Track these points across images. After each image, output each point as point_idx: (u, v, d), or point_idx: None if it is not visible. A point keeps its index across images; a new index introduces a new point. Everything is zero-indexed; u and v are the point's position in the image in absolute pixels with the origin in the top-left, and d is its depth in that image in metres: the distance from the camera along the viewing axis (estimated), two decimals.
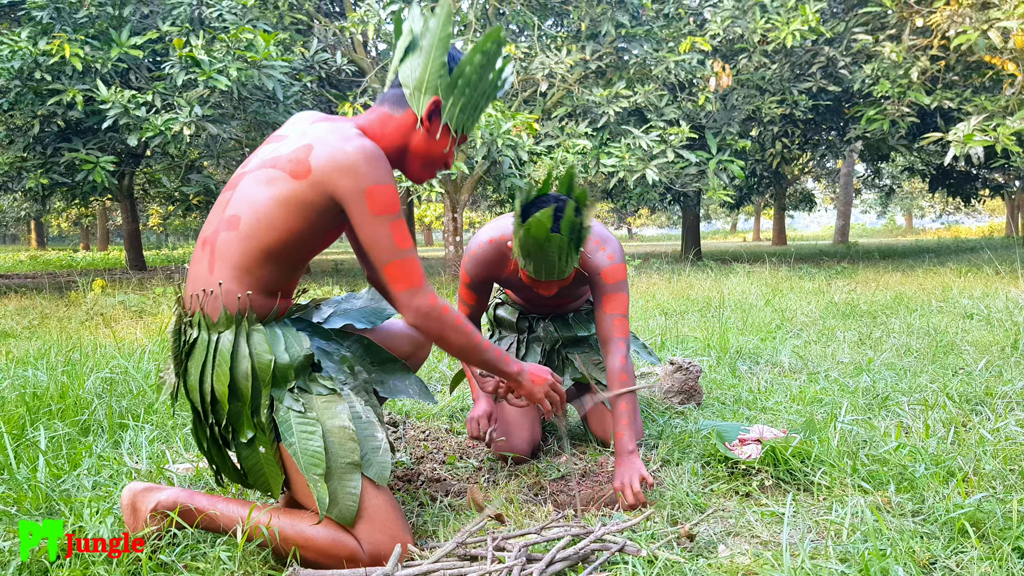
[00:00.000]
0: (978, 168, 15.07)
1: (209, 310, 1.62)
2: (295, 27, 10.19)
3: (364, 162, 1.55)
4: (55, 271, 15.53)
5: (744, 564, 1.56)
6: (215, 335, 1.62)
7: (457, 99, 1.69)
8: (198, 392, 1.63)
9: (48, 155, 9.39)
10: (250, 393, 1.59)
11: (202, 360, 1.62)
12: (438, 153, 1.74)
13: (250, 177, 1.65)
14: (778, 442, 2.13)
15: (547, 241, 1.96)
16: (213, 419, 1.64)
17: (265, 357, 1.60)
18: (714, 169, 9.64)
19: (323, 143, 1.59)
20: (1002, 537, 1.61)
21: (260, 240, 1.59)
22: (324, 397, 1.64)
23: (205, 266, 1.64)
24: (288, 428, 1.58)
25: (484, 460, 2.40)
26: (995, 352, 3.68)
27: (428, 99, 1.68)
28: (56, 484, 2.04)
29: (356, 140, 1.58)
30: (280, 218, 1.58)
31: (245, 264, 1.60)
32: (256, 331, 1.62)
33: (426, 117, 1.69)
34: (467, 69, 1.67)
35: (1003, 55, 8.27)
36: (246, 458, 1.64)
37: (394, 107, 1.72)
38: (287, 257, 1.63)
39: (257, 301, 1.63)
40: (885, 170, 23.42)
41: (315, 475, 1.56)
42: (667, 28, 10.40)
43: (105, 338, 4.67)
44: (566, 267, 2.04)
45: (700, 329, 4.77)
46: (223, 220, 1.64)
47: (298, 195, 1.57)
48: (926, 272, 9.06)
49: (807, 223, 60.56)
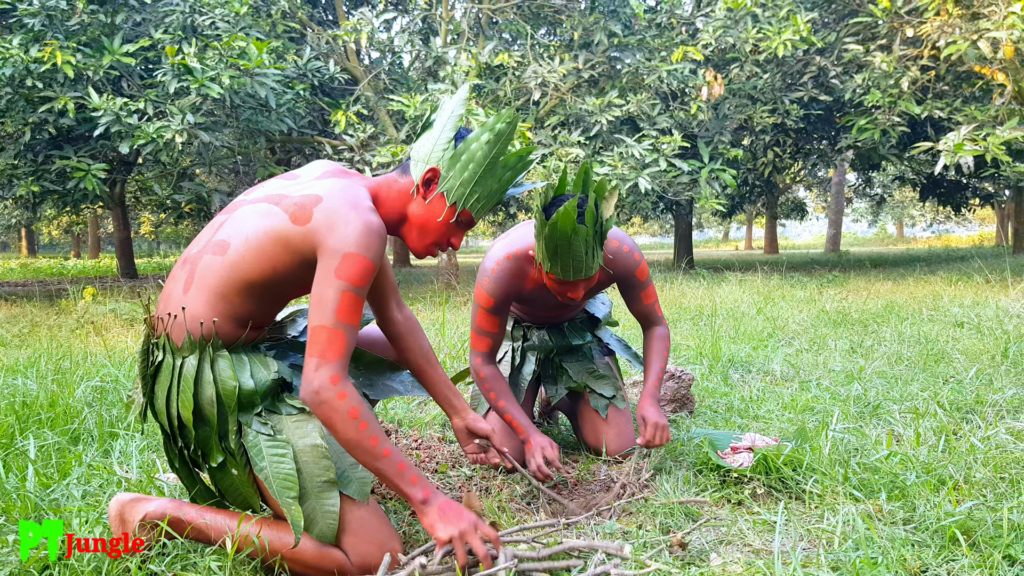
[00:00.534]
0: (968, 177, 15.16)
1: (174, 333, 1.61)
2: (288, 35, 10.19)
3: (361, 233, 1.53)
4: (46, 279, 15.45)
5: (736, 572, 1.56)
6: (179, 359, 1.60)
7: (459, 172, 1.68)
8: (165, 415, 1.62)
9: (39, 162, 9.35)
10: (216, 419, 1.58)
11: (167, 384, 1.61)
12: (433, 224, 1.71)
13: (250, 208, 1.64)
14: (770, 450, 2.14)
15: (574, 234, 1.94)
16: (182, 442, 1.63)
17: (229, 384, 1.58)
18: (706, 178, 9.67)
19: (333, 200, 1.57)
20: (993, 545, 1.61)
21: (244, 271, 1.58)
22: (294, 417, 1.62)
23: (180, 285, 1.63)
24: (258, 453, 1.57)
25: (476, 469, 2.39)
26: (985, 360, 3.69)
27: (426, 167, 1.69)
28: (45, 493, 2.02)
29: (365, 212, 1.56)
30: (268, 255, 1.57)
31: (223, 291, 1.59)
32: (221, 357, 1.60)
33: (422, 184, 1.70)
34: (472, 145, 1.68)
35: (993, 65, 8.33)
36: (220, 480, 1.63)
37: (401, 174, 1.74)
38: (266, 294, 1.62)
39: (226, 328, 1.61)
40: (876, 179, 23.56)
41: (288, 498, 1.54)
42: (659, 38, 10.44)
43: (96, 346, 4.65)
44: (592, 263, 2.03)
45: (692, 337, 4.78)
46: (211, 243, 1.63)
47: (291, 239, 1.56)
48: (917, 281, 9.10)
49: (799, 232, 60.82)
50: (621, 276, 2.32)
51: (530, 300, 2.38)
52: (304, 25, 10.43)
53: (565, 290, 2.08)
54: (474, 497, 1.98)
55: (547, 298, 2.35)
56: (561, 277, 2.03)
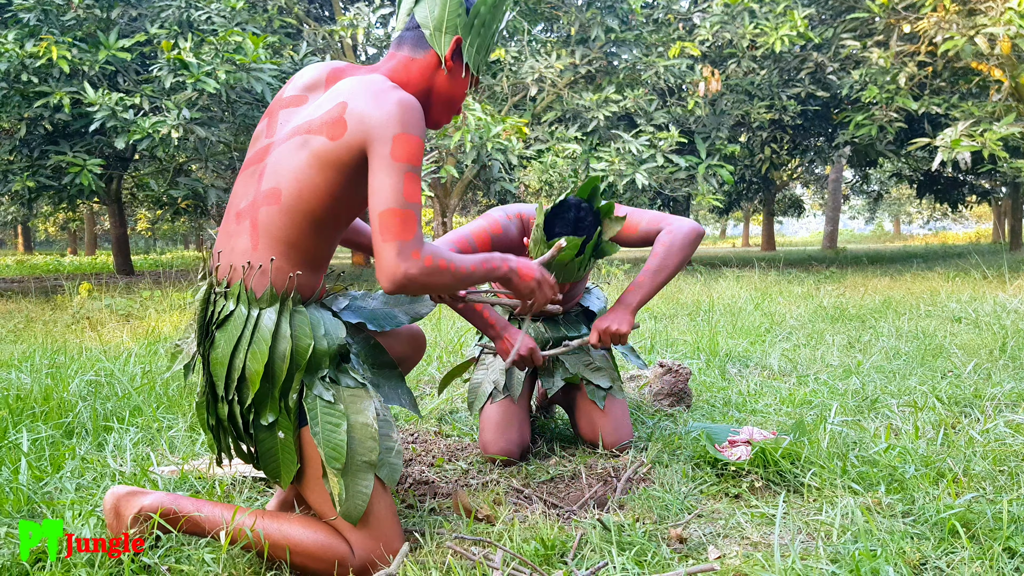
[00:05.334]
0: (965, 174, 15.18)
1: (254, 285, 1.57)
2: (284, 30, 10.16)
3: (400, 111, 1.50)
4: (42, 275, 15.40)
5: (735, 565, 1.55)
6: (255, 311, 1.56)
7: (475, 38, 1.68)
8: (225, 367, 1.56)
9: (35, 158, 9.32)
10: (284, 375, 1.54)
11: (236, 335, 1.55)
12: (460, 94, 1.71)
13: (284, 147, 1.59)
14: (768, 444, 2.12)
15: (571, 261, 2.01)
16: (237, 396, 1.57)
17: (305, 341, 1.55)
18: (703, 174, 9.67)
19: (357, 99, 1.54)
20: (992, 537, 1.61)
21: (305, 210, 1.55)
22: (352, 390, 1.60)
23: (246, 240, 1.58)
24: (315, 416, 1.54)
25: (473, 462, 2.38)
26: (983, 355, 3.69)
27: (450, 39, 1.66)
28: (38, 486, 2.01)
29: (392, 92, 1.53)
30: (322, 183, 1.53)
31: (292, 238, 1.55)
32: (299, 312, 1.58)
33: (449, 57, 1.67)
34: (482, 8, 1.67)
35: (990, 61, 8.34)
36: (263, 441, 1.58)
37: (414, 49, 1.68)
38: (332, 223, 1.59)
39: (303, 279, 1.59)
40: (873, 176, 23.58)
41: (334, 468, 1.52)
42: (657, 33, 10.43)
43: (91, 341, 4.63)
44: (581, 274, 2.09)
45: (690, 332, 4.77)
46: (261, 193, 1.58)
47: (339, 157, 1.52)
48: (914, 277, 9.11)
49: (796, 229, 60.90)
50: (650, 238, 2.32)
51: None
52: (300, 20, 10.40)
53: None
54: (464, 495, 1.97)
55: None
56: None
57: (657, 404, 2.96)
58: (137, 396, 2.99)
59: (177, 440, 2.51)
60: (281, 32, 9.88)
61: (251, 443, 1.61)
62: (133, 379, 3.26)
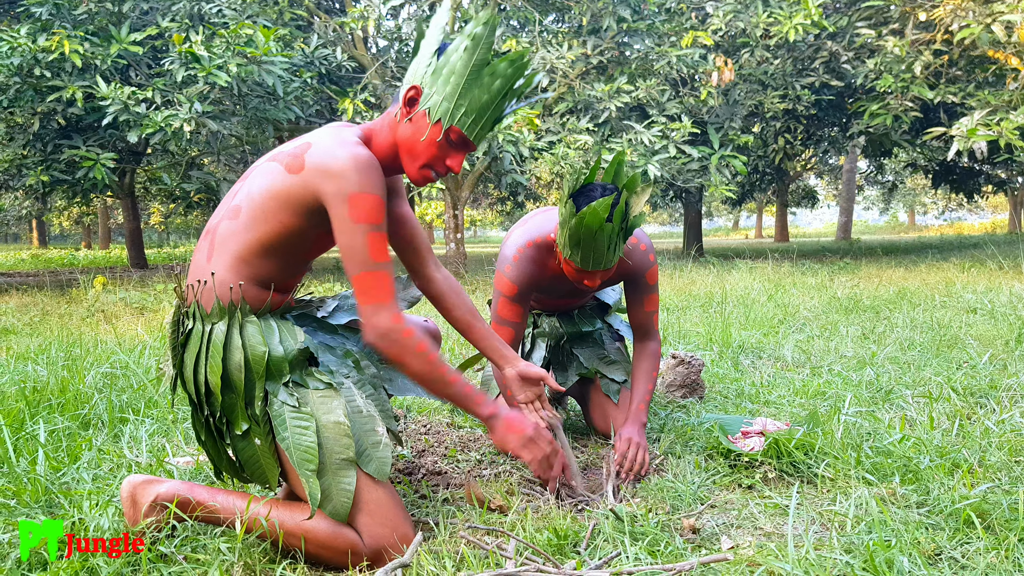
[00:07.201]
0: (981, 163, 15.03)
1: (203, 300, 1.62)
2: (295, 23, 10.17)
3: (353, 169, 1.52)
4: (57, 269, 15.53)
5: (748, 555, 1.54)
6: (208, 326, 1.62)
7: (441, 87, 1.60)
8: (193, 383, 1.63)
9: (48, 152, 9.38)
10: (244, 385, 1.59)
11: (196, 351, 1.62)
12: (419, 144, 1.63)
13: (257, 170, 1.66)
14: (781, 434, 2.12)
15: (600, 230, 1.95)
16: (208, 410, 1.64)
17: (259, 349, 1.59)
18: (716, 165, 9.62)
19: (320, 144, 1.58)
20: (1008, 528, 1.60)
21: (257, 231, 1.59)
22: (320, 392, 1.63)
23: (204, 255, 1.64)
24: (282, 423, 1.58)
25: (485, 453, 2.38)
26: (999, 346, 3.66)
27: (408, 86, 1.65)
28: (56, 477, 2.03)
29: (351, 147, 1.55)
30: (272, 211, 1.58)
31: (242, 254, 1.60)
32: (250, 323, 1.62)
33: (404, 103, 1.64)
34: (452, 56, 1.59)
35: (1007, 49, 8.24)
36: (241, 450, 1.64)
37: (394, 103, 1.70)
38: (283, 252, 1.63)
39: (251, 292, 1.62)
40: (888, 166, 23.39)
41: (307, 471, 1.55)
42: (669, 23, 10.37)
43: (106, 334, 4.66)
44: (613, 257, 2.04)
45: (702, 324, 4.75)
46: (228, 209, 1.65)
47: (289, 190, 1.57)
48: (929, 267, 9.04)
49: (809, 220, 60.51)
50: (632, 274, 2.30)
51: (544, 288, 2.37)
52: (311, 13, 10.40)
53: (583, 277, 2.10)
54: (476, 485, 1.97)
55: (560, 286, 2.35)
56: (580, 266, 2.05)
57: (670, 395, 2.96)
58: (152, 388, 3.02)
59: (192, 432, 2.52)
60: (292, 25, 9.88)
61: (234, 453, 1.66)
62: (148, 371, 3.28)
